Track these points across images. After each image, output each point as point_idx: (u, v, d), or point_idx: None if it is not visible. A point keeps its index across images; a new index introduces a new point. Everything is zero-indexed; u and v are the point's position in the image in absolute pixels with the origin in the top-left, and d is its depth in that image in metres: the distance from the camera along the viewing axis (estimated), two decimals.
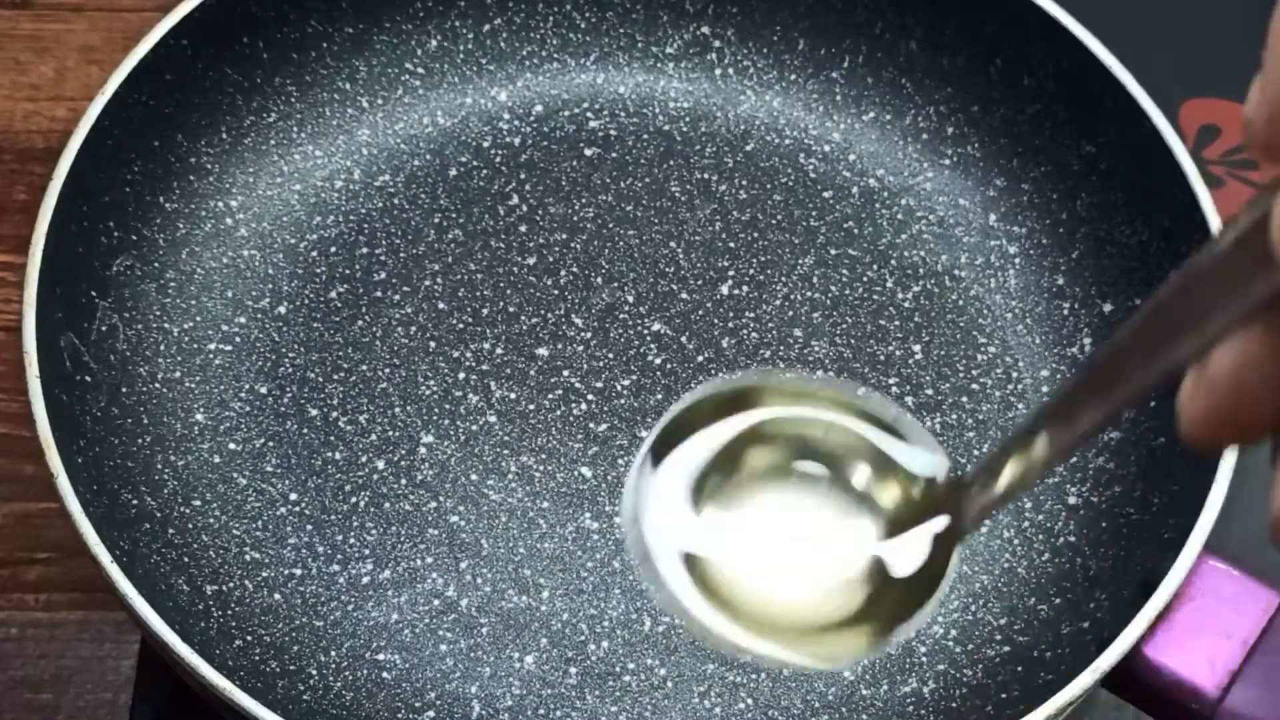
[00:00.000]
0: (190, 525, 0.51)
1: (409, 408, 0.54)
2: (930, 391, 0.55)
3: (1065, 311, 0.56)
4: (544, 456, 0.53)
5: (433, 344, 0.55)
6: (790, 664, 0.32)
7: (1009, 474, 0.29)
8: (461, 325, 0.55)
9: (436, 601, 0.50)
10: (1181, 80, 0.66)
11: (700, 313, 0.56)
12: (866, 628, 0.32)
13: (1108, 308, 0.56)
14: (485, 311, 0.56)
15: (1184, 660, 0.46)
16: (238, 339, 0.55)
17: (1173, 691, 0.46)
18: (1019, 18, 0.56)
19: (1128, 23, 0.64)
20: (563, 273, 0.57)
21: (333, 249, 0.57)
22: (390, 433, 0.53)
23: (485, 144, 0.60)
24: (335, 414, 0.54)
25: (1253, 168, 0.64)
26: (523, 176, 0.59)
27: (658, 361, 0.55)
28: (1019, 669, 0.49)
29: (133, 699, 0.53)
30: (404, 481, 0.52)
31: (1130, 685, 0.46)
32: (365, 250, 0.57)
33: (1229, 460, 0.47)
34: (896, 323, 0.56)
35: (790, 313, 0.56)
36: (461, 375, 0.54)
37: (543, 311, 0.56)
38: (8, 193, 0.62)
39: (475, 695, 0.49)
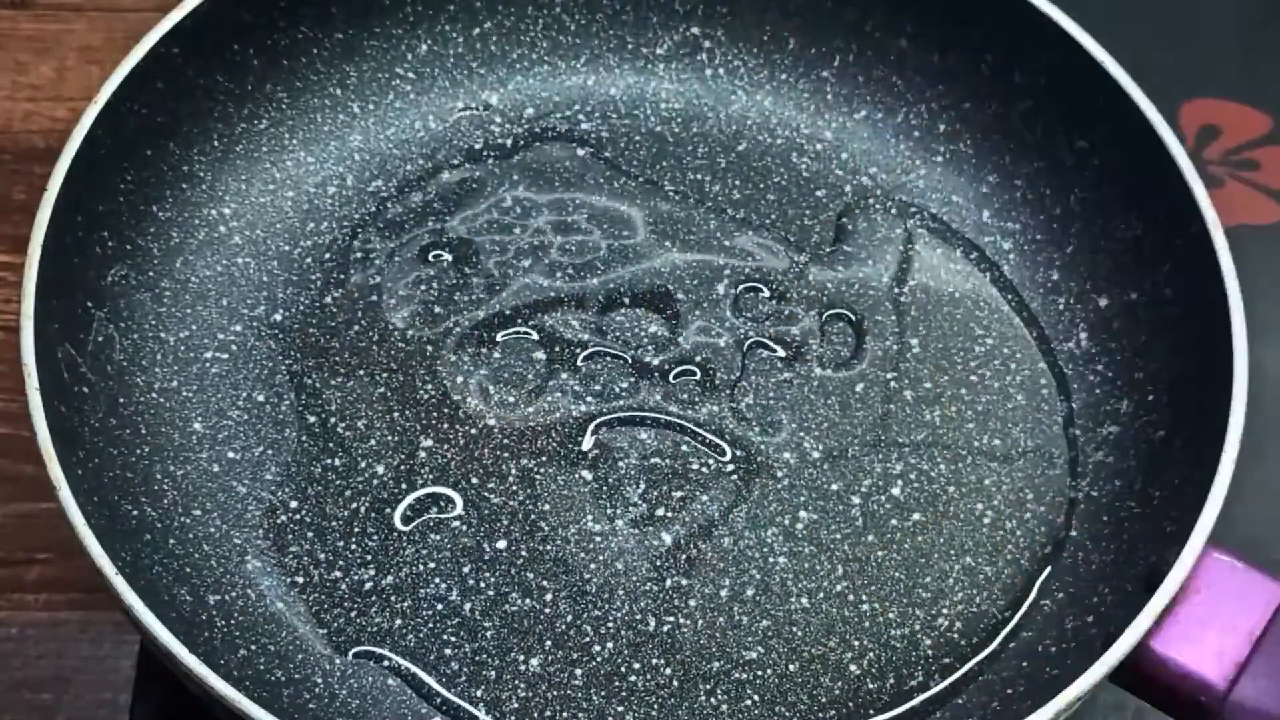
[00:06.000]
0: (191, 535, 0.51)
1: (407, 412, 0.54)
2: (929, 385, 0.55)
3: (1060, 306, 0.57)
4: (544, 459, 0.53)
5: (429, 348, 0.55)
6: None
7: None
8: (458, 329, 0.55)
9: (440, 606, 0.50)
10: (1181, 80, 0.66)
11: (696, 313, 0.56)
12: None
13: (1103, 302, 0.56)
14: (481, 315, 0.56)
15: (1191, 653, 0.46)
16: (234, 347, 0.55)
17: (1180, 685, 0.46)
18: (1009, 14, 0.57)
19: (1127, 23, 0.65)
20: (558, 275, 0.57)
21: (327, 255, 0.57)
22: (389, 438, 0.53)
23: (477, 147, 0.60)
24: (334, 420, 0.53)
25: (1253, 168, 0.65)
26: (515, 179, 0.59)
27: (655, 362, 0.55)
28: (1025, 664, 0.50)
29: (133, 699, 0.53)
30: (404, 486, 0.52)
31: (1136, 679, 0.47)
32: (360, 255, 0.57)
33: (1231, 452, 0.47)
34: (894, 317, 0.56)
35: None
36: (459, 379, 0.54)
37: (539, 314, 0.56)
38: (7, 193, 0.62)
39: (481, 699, 0.49)
